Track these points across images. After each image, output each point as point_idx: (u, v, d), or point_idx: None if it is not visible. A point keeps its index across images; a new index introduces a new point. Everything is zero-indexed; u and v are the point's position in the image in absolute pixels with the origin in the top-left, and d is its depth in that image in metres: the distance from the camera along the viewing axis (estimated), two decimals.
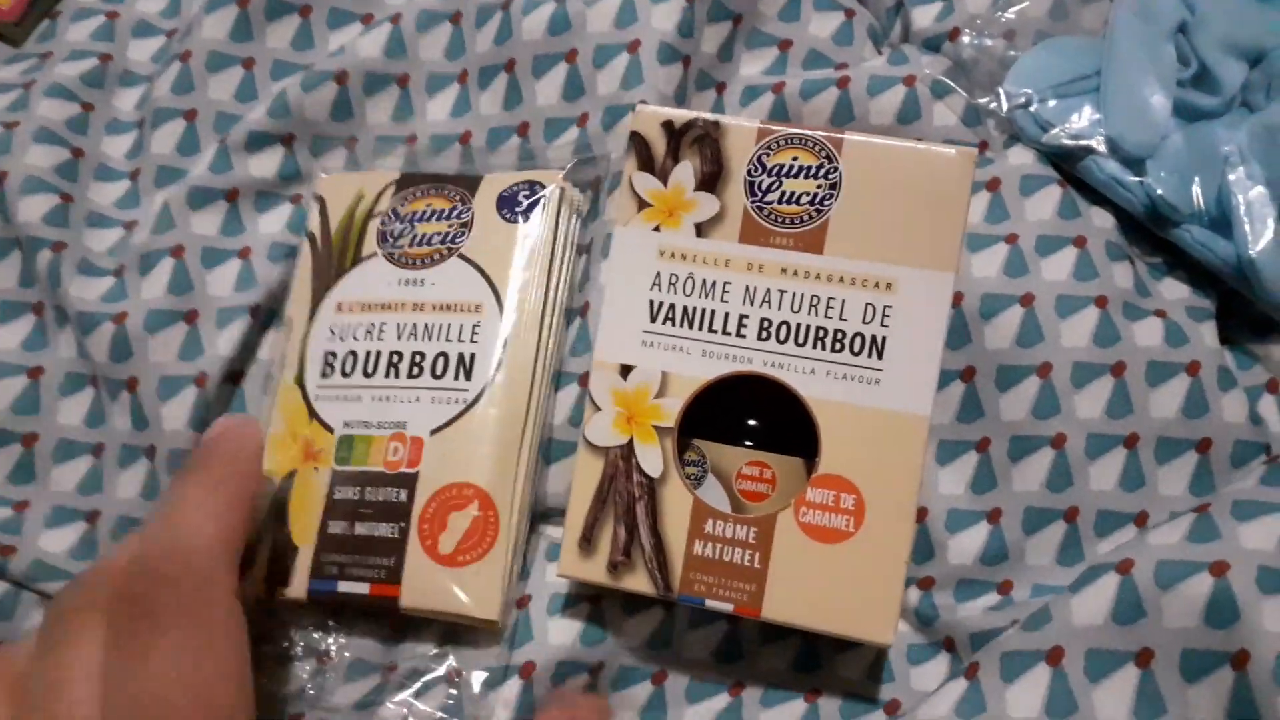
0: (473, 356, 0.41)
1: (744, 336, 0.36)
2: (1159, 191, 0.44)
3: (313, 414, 0.42)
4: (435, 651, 0.41)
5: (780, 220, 0.36)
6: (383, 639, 0.41)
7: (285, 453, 0.42)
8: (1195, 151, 0.45)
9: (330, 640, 0.41)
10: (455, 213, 0.44)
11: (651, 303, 0.37)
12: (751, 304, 0.36)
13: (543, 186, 0.44)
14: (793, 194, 0.36)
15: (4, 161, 0.47)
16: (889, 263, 0.35)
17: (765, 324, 0.36)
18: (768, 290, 0.36)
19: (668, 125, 0.37)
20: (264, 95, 0.50)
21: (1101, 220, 0.45)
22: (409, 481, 0.40)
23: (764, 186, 0.36)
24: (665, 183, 0.37)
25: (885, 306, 0.35)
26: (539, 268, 0.43)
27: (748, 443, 0.39)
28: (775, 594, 0.35)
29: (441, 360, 0.42)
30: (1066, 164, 0.45)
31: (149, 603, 0.29)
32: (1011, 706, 0.37)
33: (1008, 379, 0.42)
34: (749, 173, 0.36)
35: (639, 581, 0.36)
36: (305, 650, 0.41)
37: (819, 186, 0.35)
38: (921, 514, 0.42)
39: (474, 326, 0.42)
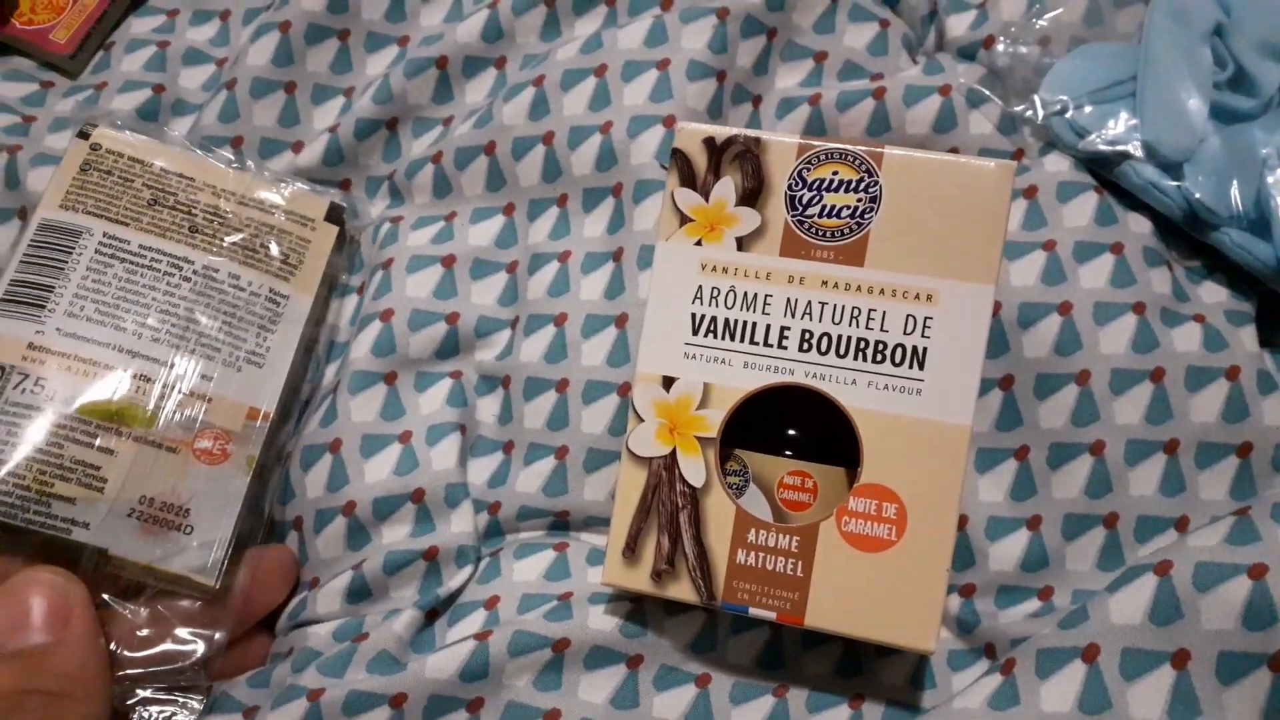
0: None
1: (785, 348, 0.36)
2: (1197, 195, 0.44)
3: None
4: None
5: (821, 234, 0.36)
6: None
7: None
8: (1233, 154, 0.45)
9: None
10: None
11: (693, 315, 0.37)
12: (793, 316, 0.36)
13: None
14: (833, 208, 0.36)
15: None
16: (930, 275, 0.35)
17: (807, 335, 0.36)
18: (809, 302, 0.36)
19: (709, 142, 0.37)
20: (305, 121, 0.52)
21: (1139, 226, 0.45)
22: None
23: (805, 201, 0.36)
24: (707, 198, 0.37)
25: (926, 318, 0.35)
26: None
27: (789, 453, 0.40)
28: (818, 602, 0.36)
29: None
30: (1103, 170, 0.46)
31: None
32: (1045, 701, 0.37)
33: (1046, 387, 0.42)
34: (790, 187, 0.36)
35: (683, 590, 0.37)
36: None
37: (859, 200, 0.36)
38: (962, 522, 0.42)
39: None
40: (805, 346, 0.36)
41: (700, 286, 0.37)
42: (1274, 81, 0.46)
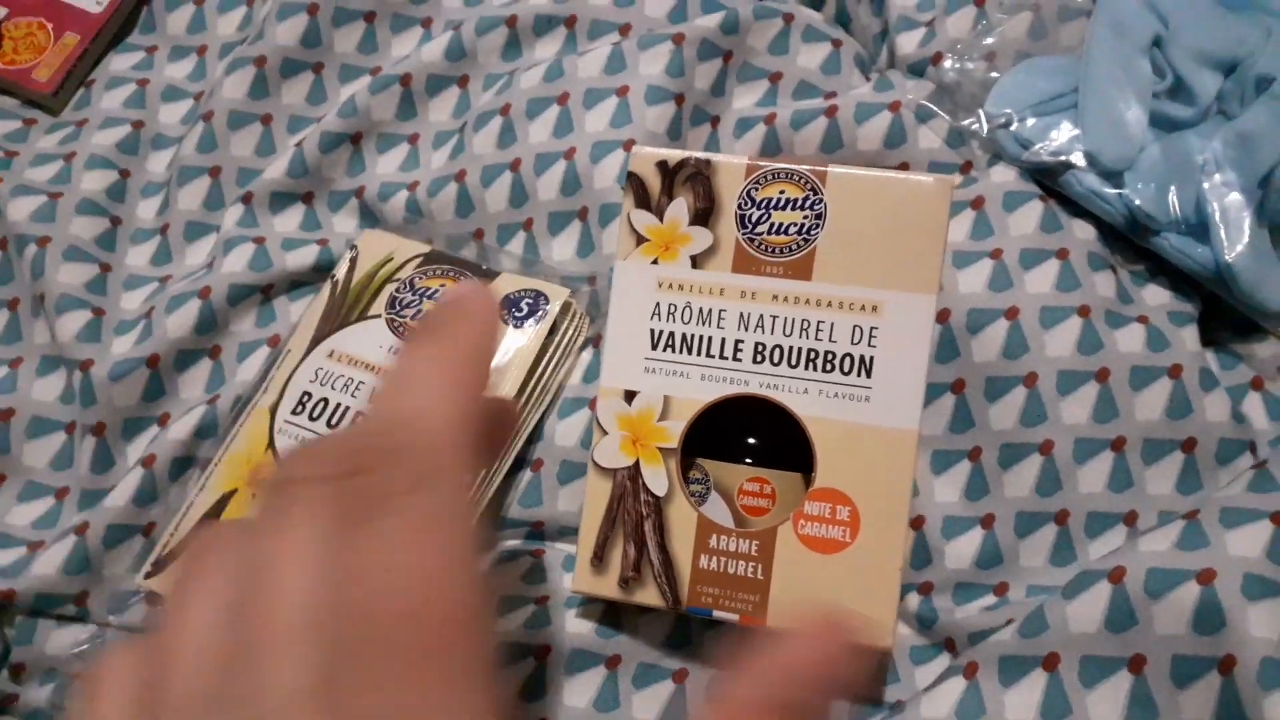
0: None
1: (740, 360, 0.38)
2: (1137, 202, 0.46)
3: (271, 443, 0.45)
4: None
5: (770, 250, 0.38)
6: None
7: (235, 471, 0.45)
8: (1171, 161, 0.47)
9: None
10: None
11: (652, 331, 0.39)
12: (746, 329, 0.38)
13: (547, 300, 0.46)
14: (781, 225, 0.38)
15: (48, 228, 0.50)
16: (874, 287, 0.37)
17: (760, 348, 0.38)
18: (760, 316, 0.38)
19: (662, 165, 0.39)
20: (281, 149, 0.53)
21: (1083, 232, 0.46)
22: None
23: (754, 219, 0.38)
24: (661, 219, 0.39)
25: (872, 328, 0.37)
26: (514, 376, 0.44)
27: (748, 460, 0.41)
28: (779, 603, 0.37)
29: None
30: (1047, 180, 0.47)
31: (374, 478, 0.26)
32: (1010, 710, 0.39)
33: (996, 389, 0.44)
34: (739, 206, 0.38)
35: (649, 595, 0.38)
36: None
37: (805, 217, 0.37)
38: (918, 522, 0.43)
39: None
40: (759, 358, 0.38)
41: (658, 303, 0.39)
42: (1211, 90, 0.48)
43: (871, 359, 0.37)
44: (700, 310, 0.38)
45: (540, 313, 0.45)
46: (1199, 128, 0.48)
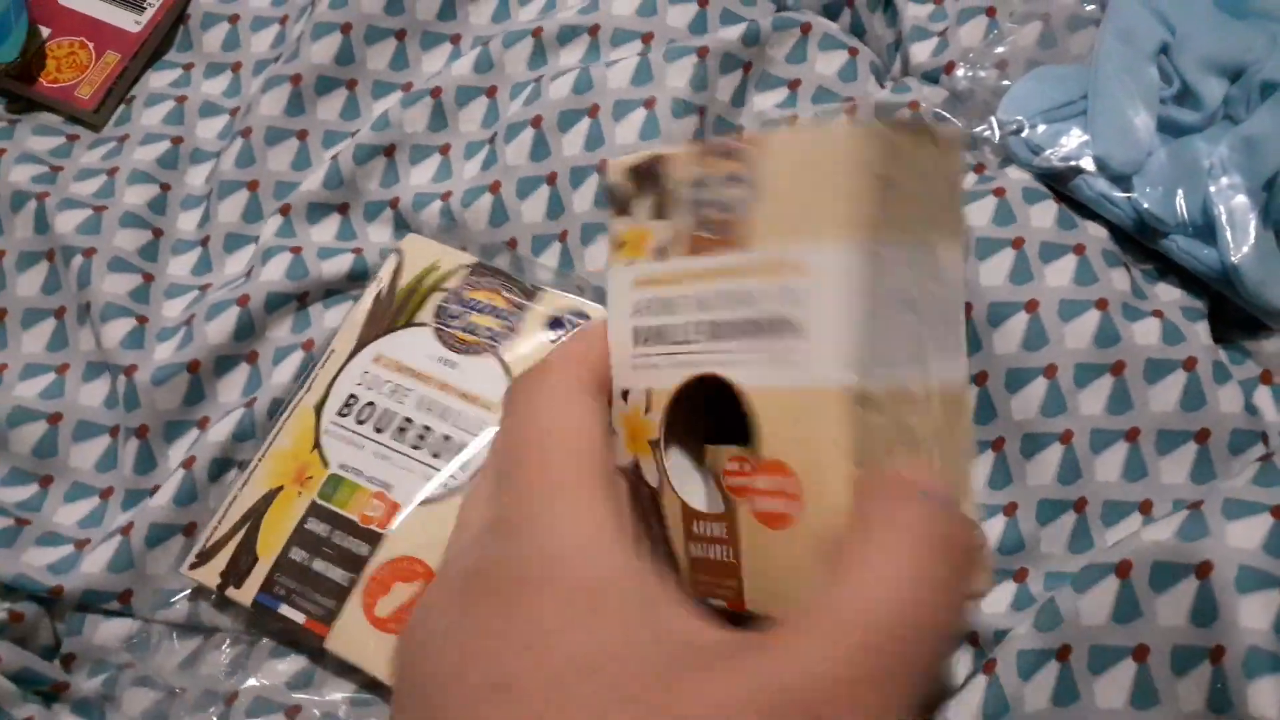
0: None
1: (698, 341, 0.36)
2: (1145, 205, 0.47)
3: (317, 444, 0.46)
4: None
5: (717, 228, 0.36)
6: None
7: (281, 468, 0.46)
8: (1178, 166, 0.48)
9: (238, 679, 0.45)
10: (508, 316, 0.48)
11: (634, 329, 0.38)
12: (701, 310, 0.36)
13: (588, 318, 0.48)
14: (725, 202, 0.36)
15: (93, 240, 0.52)
16: (802, 244, 0.34)
17: (711, 326, 0.36)
18: (711, 294, 0.36)
19: (630, 169, 0.38)
20: (317, 163, 0.55)
21: (1096, 231, 0.48)
22: (374, 539, 0.44)
23: (704, 201, 0.37)
24: (633, 220, 0.39)
25: (801, 288, 0.34)
26: None
27: (738, 441, 0.40)
28: (751, 585, 0.35)
29: (444, 442, 0.46)
30: (1058, 184, 0.49)
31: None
32: (1028, 703, 0.40)
33: (1017, 381, 0.45)
34: (690, 192, 0.37)
35: None
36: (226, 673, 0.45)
37: (745, 190, 0.35)
38: None
39: (482, 424, 0.46)
40: (711, 337, 0.36)
41: (635, 301, 0.38)
42: (1217, 96, 0.49)
43: (802, 318, 0.34)
44: (665, 301, 0.37)
45: None
46: (1205, 133, 0.49)
